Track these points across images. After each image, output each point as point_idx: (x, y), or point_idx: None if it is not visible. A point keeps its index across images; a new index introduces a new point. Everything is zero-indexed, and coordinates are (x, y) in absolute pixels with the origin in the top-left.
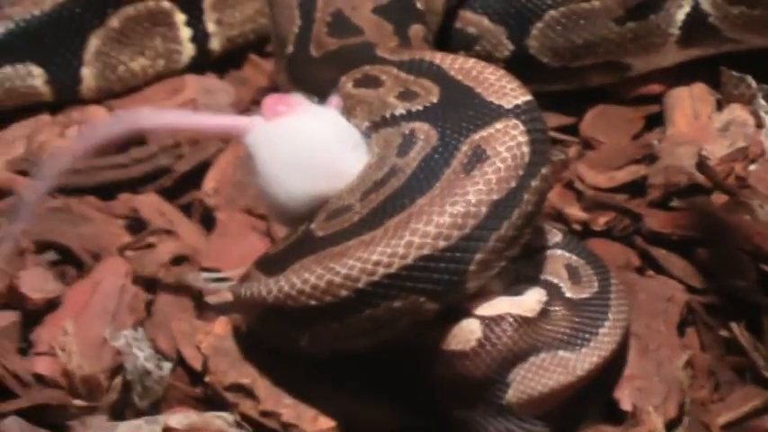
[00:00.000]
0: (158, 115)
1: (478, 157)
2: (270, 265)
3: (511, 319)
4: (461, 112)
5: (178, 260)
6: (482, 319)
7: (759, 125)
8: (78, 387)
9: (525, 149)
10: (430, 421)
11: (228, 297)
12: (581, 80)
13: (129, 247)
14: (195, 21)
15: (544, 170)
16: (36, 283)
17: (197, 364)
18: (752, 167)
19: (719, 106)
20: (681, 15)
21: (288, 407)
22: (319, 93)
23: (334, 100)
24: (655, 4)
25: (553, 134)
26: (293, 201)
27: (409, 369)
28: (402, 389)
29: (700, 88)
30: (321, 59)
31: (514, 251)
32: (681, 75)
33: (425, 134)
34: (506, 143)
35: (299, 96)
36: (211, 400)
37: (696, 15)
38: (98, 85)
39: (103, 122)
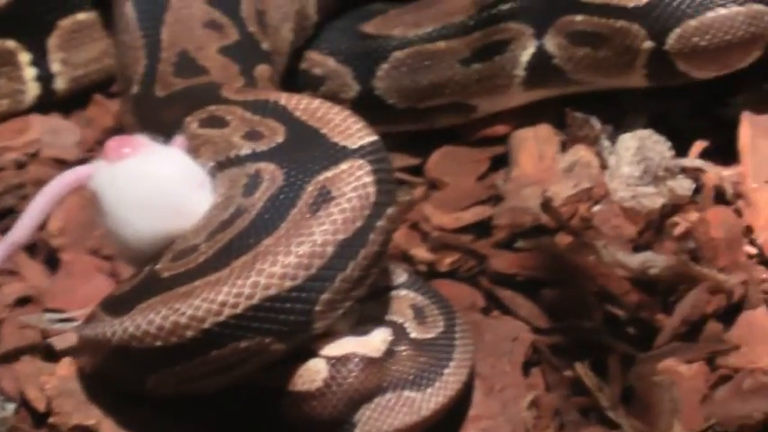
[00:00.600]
0: (24, 219)
1: (324, 197)
2: (115, 305)
3: (357, 359)
4: (307, 152)
5: (22, 301)
6: (328, 359)
7: (603, 166)
8: None
9: (371, 189)
10: None
11: (73, 338)
12: (427, 121)
13: None
14: (40, 60)
15: (390, 210)
16: None
17: (41, 406)
18: (596, 208)
19: (564, 147)
20: (525, 57)
21: None
22: (165, 132)
23: (179, 140)
24: (500, 46)
25: (399, 175)
26: (139, 240)
27: (259, 411)
28: (248, 430)
29: (545, 129)
30: (167, 99)
31: (361, 291)
32: (526, 115)
33: (271, 174)
34: (352, 183)
35: (143, 137)
36: None
37: (541, 57)
38: None
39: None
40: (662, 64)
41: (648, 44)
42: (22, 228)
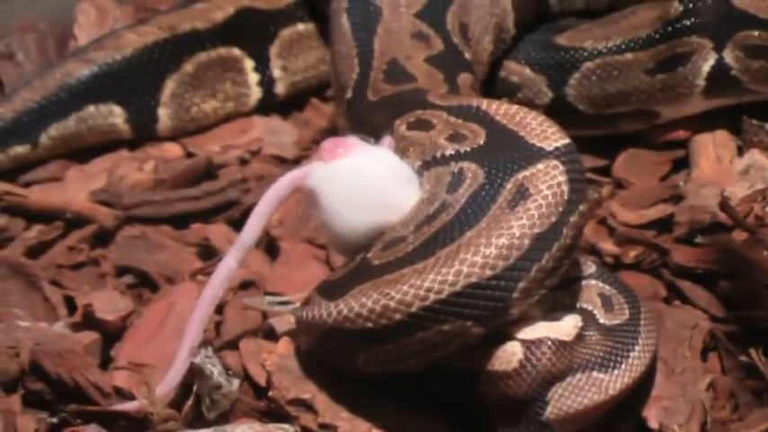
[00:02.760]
0: (250, 224)
1: (522, 194)
2: (330, 290)
3: (549, 343)
4: (506, 153)
5: (245, 285)
6: (523, 342)
7: None
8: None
9: (565, 188)
10: None
11: (291, 320)
12: (613, 126)
13: (200, 272)
14: (262, 67)
15: (581, 207)
16: (108, 304)
17: (262, 380)
18: None
19: (740, 151)
20: (706, 68)
21: (344, 420)
22: (375, 134)
23: (387, 140)
24: (682, 58)
25: (589, 175)
26: (352, 233)
27: (457, 388)
28: (451, 406)
29: (722, 135)
30: (377, 104)
31: (554, 280)
32: (705, 122)
33: (473, 173)
34: (548, 182)
35: (354, 139)
36: (274, 414)
37: (720, 68)
38: (173, 124)
39: (220, 270)
40: None
41: None
42: (250, 230)
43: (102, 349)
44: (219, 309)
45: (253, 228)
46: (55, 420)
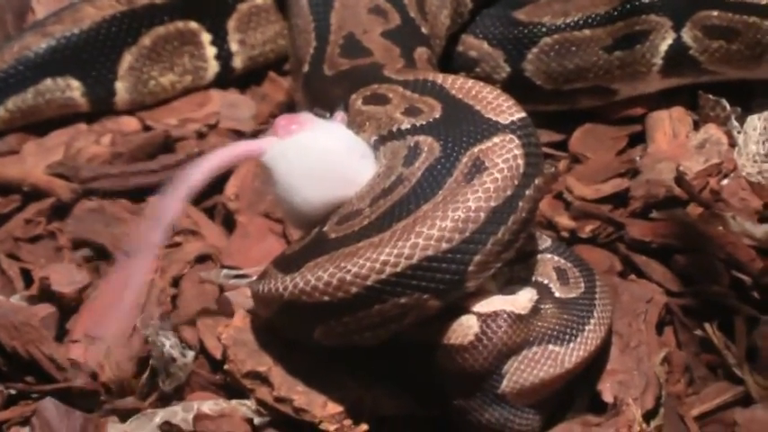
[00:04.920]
0: (196, 170)
1: (478, 167)
2: (286, 263)
3: (505, 316)
4: (462, 127)
5: (202, 258)
6: (479, 315)
7: (732, 144)
8: (109, 373)
9: (520, 161)
10: (431, 408)
11: (248, 293)
12: (571, 102)
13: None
14: (220, 41)
15: (537, 181)
16: (64, 277)
17: (217, 353)
18: (725, 182)
19: (696, 126)
20: (664, 47)
21: (300, 393)
22: (331, 108)
23: (340, 115)
24: (640, 36)
25: (545, 149)
26: (308, 207)
27: (413, 361)
28: (406, 379)
29: (678, 110)
30: (334, 78)
31: (510, 254)
32: (661, 97)
33: (429, 146)
34: (503, 155)
35: (308, 114)
36: (230, 387)
37: (678, 48)
38: (131, 97)
39: (163, 201)
40: None
41: None
42: (195, 176)
43: (59, 322)
44: (176, 282)
45: (194, 178)
46: (12, 392)
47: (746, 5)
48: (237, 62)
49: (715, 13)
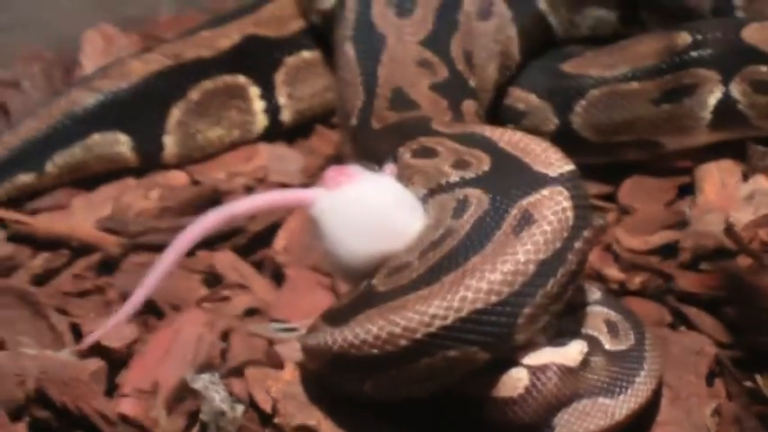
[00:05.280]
0: (242, 202)
1: (527, 220)
2: (335, 317)
3: (555, 368)
4: (511, 179)
5: (251, 312)
6: (529, 367)
7: None
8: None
9: (569, 214)
10: None
11: (297, 346)
12: (618, 154)
13: (206, 300)
14: (268, 94)
15: (586, 233)
16: (114, 332)
17: (267, 407)
18: None
19: (745, 177)
20: (712, 101)
21: None
22: (380, 161)
23: (390, 167)
24: (688, 89)
25: (593, 201)
26: (356, 260)
27: (464, 415)
28: None
29: (727, 161)
30: (382, 131)
31: (559, 306)
32: (709, 148)
33: (478, 199)
34: (552, 208)
35: (357, 167)
36: None
37: (726, 102)
38: (179, 151)
39: (205, 217)
40: None
41: None
42: (242, 207)
43: (108, 377)
44: (225, 335)
45: (246, 207)
46: None
47: None
48: (285, 115)
49: (764, 68)
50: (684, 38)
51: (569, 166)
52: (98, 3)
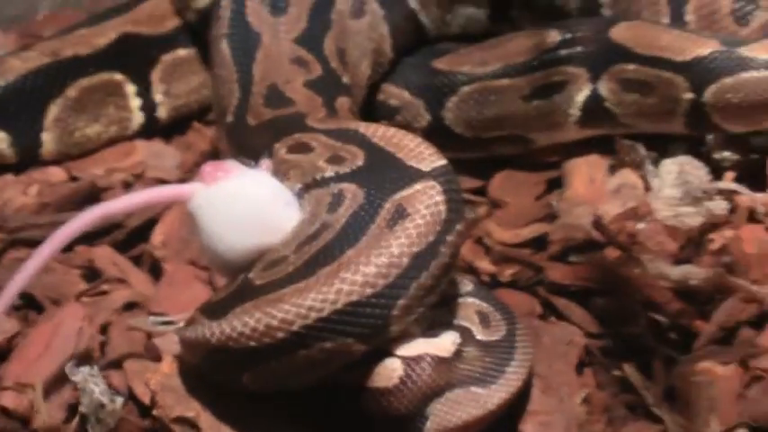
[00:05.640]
0: (120, 200)
1: (400, 214)
2: (213, 310)
3: (429, 359)
4: (384, 174)
5: (129, 306)
6: (403, 358)
7: (647, 188)
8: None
9: (442, 208)
10: None
11: (175, 339)
12: (489, 150)
13: (85, 294)
14: (144, 91)
15: (458, 226)
16: None
17: (146, 399)
18: (641, 226)
19: (612, 171)
20: (581, 98)
21: None
22: (256, 157)
23: (265, 163)
24: (558, 87)
25: (465, 196)
26: (233, 254)
27: (340, 405)
28: (335, 423)
29: (594, 156)
30: (257, 128)
31: (432, 298)
32: (578, 143)
33: (352, 194)
34: (425, 202)
35: (234, 162)
36: (157, 431)
37: (594, 99)
38: (57, 148)
39: (82, 214)
40: (699, 114)
41: (689, 95)
42: (118, 205)
43: None
44: (104, 329)
45: (122, 204)
46: None
47: (661, 61)
48: (162, 112)
49: (631, 67)
50: (554, 36)
51: (442, 161)
52: None
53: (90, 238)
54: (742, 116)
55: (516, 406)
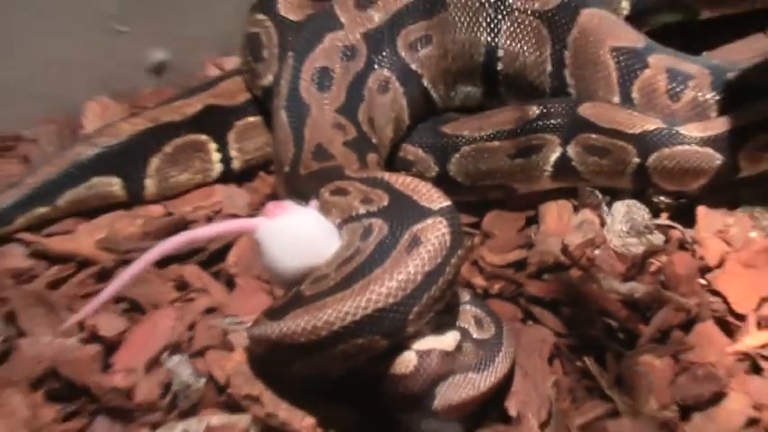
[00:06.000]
0: (201, 230)
1: (416, 242)
2: (273, 314)
3: (436, 352)
4: (403, 212)
5: (210, 310)
6: (417, 351)
7: (602, 224)
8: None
9: (447, 237)
10: (381, 422)
11: (245, 335)
12: (483, 195)
13: (177, 300)
14: (223, 149)
15: (460, 252)
16: (108, 324)
17: (222, 381)
18: (597, 252)
19: (576, 210)
20: (553, 158)
21: (284, 410)
22: (306, 199)
23: (314, 203)
24: (536, 149)
25: (464, 228)
26: (288, 272)
27: (367, 388)
28: (363, 400)
29: (562, 200)
30: (307, 176)
31: (440, 306)
32: (550, 191)
33: (379, 227)
34: (435, 233)
35: (289, 202)
36: (232, 405)
37: (563, 160)
38: (156, 191)
39: (171, 240)
40: (643, 175)
41: (636, 160)
42: (204, 233)
43: (104, 358)
44: (191, 327)
45: (205, 233)
46: (70, 410)
47: (617, 132)
48: (236, 164)
49: (593, 135)
50: (534, 110)
51: (447, 202)
52: (97, 80)
53: (181, 258)
54: (674, 178)
55: (502, 388)
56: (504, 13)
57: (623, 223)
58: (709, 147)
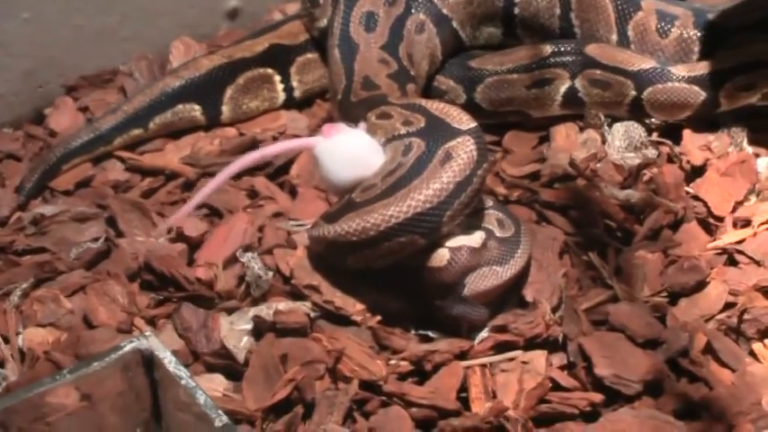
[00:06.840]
0: (269, 148)
1: (448, 157)
2: (329, 217)
3: (466, 248)
4: (438, 132)
5: (277, 214)
6: (449, 248)
7: (603, 141)
8: (221, 285)
9: (474, 153)
10: (420, 306)
11: (305, 235)
12: (503, 119)
13: (249, 207)
14: (286, 81)
15: (485, 165)
16: (192, 226)
17: (287, 273)
18: (599, 165)
19: (581, 130)
20: (563, 89)
21: (339, 297)
22: (356, 121)
23: (363, 125)
24: (548, 81)
25: (488, 146)
26: (342, 183)
27: (409, 278)
28: (405, 288)
29: (570, 123)
30: (357, 103)
31: (468, 210)
32: (559, 116)
33: (417, 144)
34: (464, 149)
35: (343, 124)
36: (295, 294)
37: (572, 91)
38: (231, 116)
39: (244, 157)
40: (638, 106)
41: (633, 93)
42: (271, 151)
43: (189, 254)
44: (261, 229)
45: (272, 150)
46: (160, 298)
47: (618, 69)
48: (297, 93)
49: (597, 71)
50: (547, 49)
51: (474, 124)
52: (182, 24)
53: (252, 171)
54: (664, 109)
55: (521, 278)
56: None
57: (622, 140)
58: (694, 84)
